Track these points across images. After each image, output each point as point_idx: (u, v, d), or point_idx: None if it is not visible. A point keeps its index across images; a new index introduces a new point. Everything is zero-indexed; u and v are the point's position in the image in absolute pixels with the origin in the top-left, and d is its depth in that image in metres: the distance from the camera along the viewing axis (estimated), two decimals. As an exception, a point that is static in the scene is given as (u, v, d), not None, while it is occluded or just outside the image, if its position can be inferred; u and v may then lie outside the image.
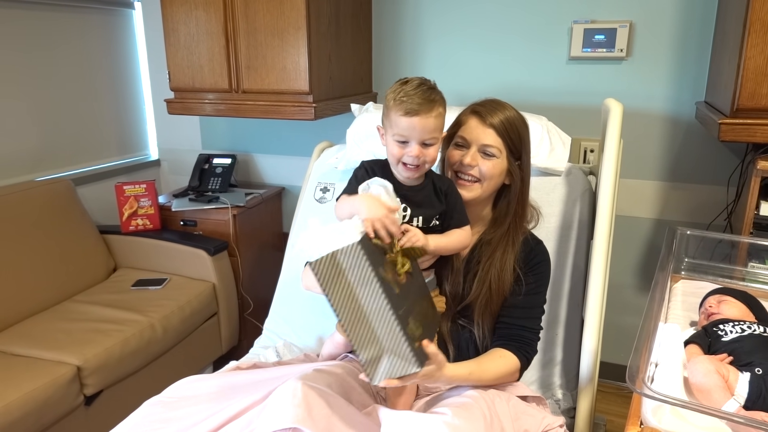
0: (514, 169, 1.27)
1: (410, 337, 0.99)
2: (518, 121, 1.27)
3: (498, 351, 1.25)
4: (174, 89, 2.34)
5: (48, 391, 1.68)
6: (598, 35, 2.11)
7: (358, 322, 1.00)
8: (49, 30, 2.46)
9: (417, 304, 1.08)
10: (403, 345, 0.99)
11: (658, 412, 0.94)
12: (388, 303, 0.97)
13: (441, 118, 1.17)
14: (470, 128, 1.26)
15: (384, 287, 0.98)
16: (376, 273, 0.98)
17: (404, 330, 0.98)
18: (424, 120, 1.13)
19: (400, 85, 1.16)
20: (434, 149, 1.18)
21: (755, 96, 1.59)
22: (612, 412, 2.19)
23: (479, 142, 1.25)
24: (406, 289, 1.05)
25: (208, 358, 2.38)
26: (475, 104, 1.30)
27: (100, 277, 2.40)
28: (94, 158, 2.74)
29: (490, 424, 1.05)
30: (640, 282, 2.31)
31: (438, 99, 1.16)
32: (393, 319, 0.98)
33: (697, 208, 2.16)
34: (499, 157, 1.25)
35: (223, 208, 2.44)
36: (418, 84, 1.15)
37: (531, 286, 1.28)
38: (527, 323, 1.28)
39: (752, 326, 1.13)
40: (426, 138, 1.15)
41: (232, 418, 1.08)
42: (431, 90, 1.15)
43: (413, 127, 1.13)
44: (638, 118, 2.16)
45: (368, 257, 0.97)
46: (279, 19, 2.07)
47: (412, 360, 0.99)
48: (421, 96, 1.13)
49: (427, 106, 1.13)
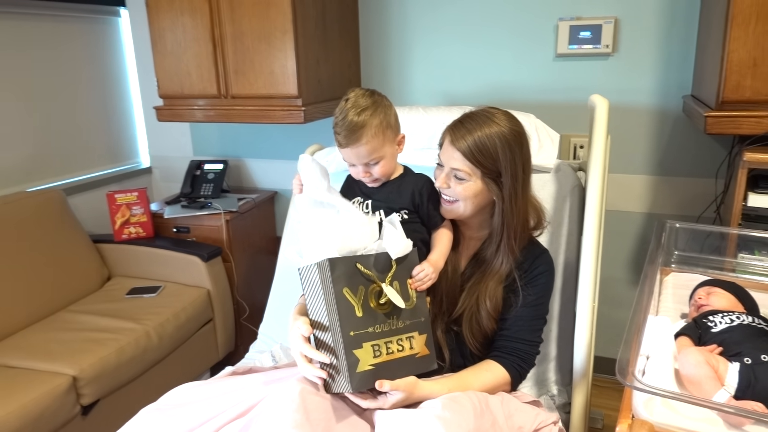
0: (493, 189, 1.20)
1: (353, 359, 1.03)
2: (496, 139, 1.17)
3: (486, 364, 1.24)
4: (163, 96, 2.34)
5: (44, 402, 1.68)
6: (583, 32, 2.13)
7: (320, 329, 1.09)
8: (36, 40, 2.45)
9: (396, 333, 1.10)
10: (343, 364, 1.03)
11: (649, 404, 0.95)
12: (339, 322, 1.03)
13: (377, 138, 1.18)
14: (444, 149, 1.24)
15: (341, 306, 1.04)
16: (337, 291, 1.04)
17: (347, 350, 1.03)
18: (354, 150, 1.19)
19: (340, 105, 1.19)
20: (381, 166, 1.23)
21: (739, 88, 1.60)
22: (609, 407, 2.20)
23: (449, 165, 1.21)
24: (374, 316, 1.08)
25: (205, 365, 2.38)
26: (455, 121, 1.24)
27: (94, 287, 2.39)
28: (85, 167, 2.73)
29: (480, 415, 1.05)
30: (632, 276, 2.33)
31: (370, 121, 1.16)
32: (340, 338, 1.04)
33: (686, 201, 2.18)
34: (469, 180, 1.19)
35: (216, 214, 2.44)
36: (350, 106, 1.17)
37: (530, 298, 1.25)
38: (525, 335, 1.26)
39: (741, 317, 1.14)
40: (366, 161, 1.21)
41: (229, 422, 1.08)
42: (364, 110, 1.16)
43: (349, 155, 1.21)
44: (626, 113, 2.17)
45: (334, 275, 1.04)
46: (265, 24, 2.07)
47: (347, 381, 1.03)
48: (347, 128, 1.16)
49: (353, 137, 1.17)
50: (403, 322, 1.11)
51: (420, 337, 1.13)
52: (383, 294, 1.09)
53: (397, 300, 1.09)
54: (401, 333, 1.11)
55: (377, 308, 1.09)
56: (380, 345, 1.07)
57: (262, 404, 1.07)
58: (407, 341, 1.11)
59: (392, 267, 1.13)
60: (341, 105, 1.19)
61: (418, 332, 1.13)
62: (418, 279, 1.16)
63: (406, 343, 1.11)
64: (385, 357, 1.07)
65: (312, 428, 0.98)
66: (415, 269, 1.17)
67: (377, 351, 1.06)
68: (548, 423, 1.20)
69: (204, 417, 1.12)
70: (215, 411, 1.12)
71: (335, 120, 1.19)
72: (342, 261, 1.07)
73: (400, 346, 1.09)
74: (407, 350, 1.10)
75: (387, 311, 1.10)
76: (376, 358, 1.06)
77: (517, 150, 1.19)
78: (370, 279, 1.09)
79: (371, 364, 1.05)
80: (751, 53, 1.57)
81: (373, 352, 1.06)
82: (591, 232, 1.39)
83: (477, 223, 1.32)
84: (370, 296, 1.09)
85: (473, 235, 1.34)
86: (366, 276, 1.09)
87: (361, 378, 1.04)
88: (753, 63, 1.58)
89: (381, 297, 1.09)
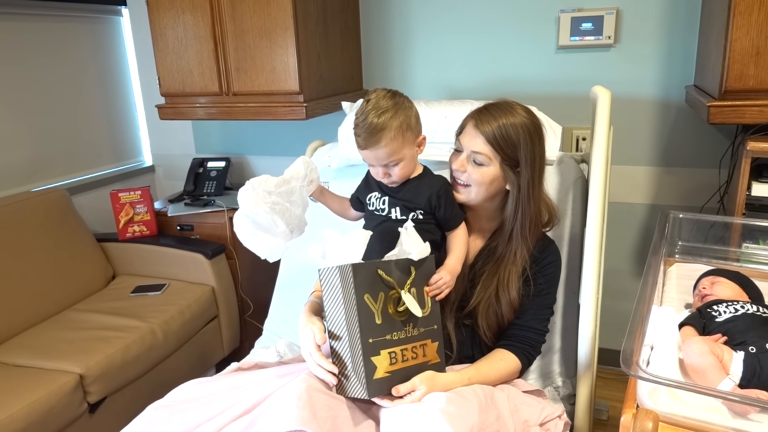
0: (510, 177, 1.23)
1: (371, 366, 1.04)
2: (519, 128, 1.21)
3: (499, 352, 1.26)
4: (164, 94, 2.34)
5: (51, 400, 1.69)
6: (585, 23, 2.12)
7: (336, 331, 1.09)
8: (38, 40, 2.46)
9: (411, 341, 1.11)
10: (360, 370, 1.04)
11: (654, 394, 0.95)
12: (360, 329, 1.04)
13: (397, 140, 1.19)
14: (465, 134, 1.26)
15: (362, 313, 1.05)
16: (359, 297, 1.05)
17: (365, 357, 1.04)
18: (374, 152, 1.19)
19: (362, 105, 1.20)
20: (400, 168, 1.23)
21: (742, 77, 1.59)
22: (614, 398, 2.20)
23: (469, 148, 1.24)
24: (392, 323, 1.08)
25: (211, 361, 2.39)
26: (479, 108, 1.27)
27: (99, 285, 2.40)
28: (88, 167, 2.74)
29: (485, 409, 1.06)
30: (636, 268, 2.32)
31: (390, 123, 1.17)
32: (359, 345, 1.04)
33: (689, 192, 2.17)
34: (488, 165, 1.22)
35: (219, 212, 2.44)
36: (371, 108, 1.17)
37: (541, 287, 1.29)
38: (535, 324, 1.29)
39: (745, 306, 1.14)
40: (384, 163, 1.21)
41: (235, 419, 1.09)
42: (385, 112, 1.17)
43: (368, 157, 1.22)
44: (628, 104, 2.16)
45: (356, 281, 1.05)
46: (266, 21, 2.07)
47: (363, 387, 1.04)
48: (366, 130, 1.16)
49: (373, 140, 1.17)
50: (417, 329, 1.13)
51: (432, 345, 1.14)
52: (402, 301, 1.10)
53: (415, 308, 1.09)
54: (416, 340, 1.12)
55: (395, 315, 1.10)
56: (396, 352, 1.08)
57: (269, 401, 1.08)
58: (421, 349, 1.12)
59: (411, 273, 1.13)
60: (362, 106, 1.20)
61: (431, 340, 1.14)
62: (436, 287, 1.17)
63: (420, 351, 1.12)
64: (401, 364, 1.08)
65: (319, 425, 0.99)
66: (432, 278, 1.18)
67: (393, 358, 1.07)
68: (554, 417, 1.21)
69: (210, 413, 1.12)
70: (222, 407, 1.13)
71: (355, 121, 1.20)
72: (364, 267, 1.08)
73: (414, 353, 1.11)
74: (420, 358, 1.11)
75: (404, 318, 1.11)
76: (392, 366, 1.07)
77: (537, 142, 1.23)
78: (390, 285, 1.10)
79: (387, 371, 1.06)
80: (754, 42, 1.56)
81: (389, 360, 1.07)
82: (594, 223, 1.39)
83: (486, 215, 1.34)
84: (389, 303, 1.09)
85: (483, 227, 1.36)
86: (386, 282, 1.10)
87: (377, 385, 1.05)
88: (756, 52, 1.57)
89: (399, 304, 1.10)
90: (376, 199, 1.31)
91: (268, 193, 1.20)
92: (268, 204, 1.18)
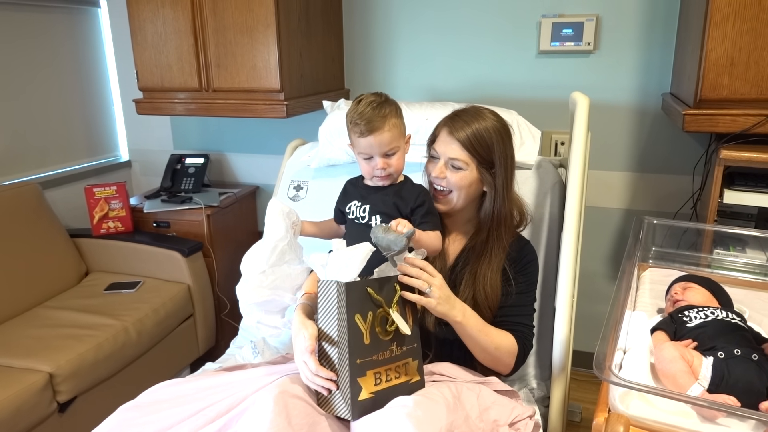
0: (486, 179, 1.28)
1: (357, 387, 1.04)
2: (491, 131, 1.26)
3: (503, 330, 1.28)
4: (143, 89, 2.30)
5: (20, 399, 1.65)
6: (566, 29, 2.14)
7: (328, 341, 1.10)
8: (13, 30, 2.40)
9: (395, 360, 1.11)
10: (346, 391, 1.04)
11: (625, 398, 0.97)
12: (348, 349, 1.05)
13: (396, 128, 1.25)
14: (440, 141, 1.31)
15: (352, 333, 1.05)
16: (350, 317, 1.05)
17: (351, 379, 1.04)
18: (379, 136, 1.22)
19: (354, 105, 1.25)
20: (397, 157, 1.28)
21: (717, 87, 1.63)
22: (588, 400, 2.23)
23: (446, 155, 1.28)
24: (378, 343, 1.09)
25: (185, 361, 2.36)
26: (450, 115, 1.32)
27: (72, 282, 2.36)
28: (63, 161, 2.68)
29: (453, 410, 1.06)
30: (612, 271, 2.36)
31: (389, 113, 1.23)
32: (346, 366, 1.05)
33: (664, 198, 2.21)
34: (466, 169, 1.27)
35: (197, 209, 2.41)
36: (368, 102, 1.23)
37: (522, 286, 1.32)
38: (524, 320, 1.32)
39: (715, 312, 1.16)
40: (386, 150, 1.25)
41: (209, 422, 1.07)
42: (381, 105, 1.23)
43: (371, 144, 1.24)
44: (606, 110, 2.19)
45: (348, 300, 1.05)
46: (248, 17, 2.05)
47: (348, 409, 1.04)
48: (371, 114, 1.22)
49: (379, 123, 1.22)
50: (400, 348, 1.13)
51: (413, 363, 1.15)
52: (389, 320, 1.10)
53: (404, 326, 1.10)
54: (398, 360, 1.12)
55: (381, 334, 1.10)
56: (381, 372, 1.09)
57: (244, 404, 1.07)
58: (403, 368, 1.13)
59: (396, 292, 1.13)
60: (354, 105, 1.25)
61: (412, 358, 1.15)
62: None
63: (402, 370, 1.12)
64: (384, 384, 1.09)
65: None
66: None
67: (378, 379, 1.08)
68: (524, 417, 1.22)
69: (183, 415, 1.10)
70: (194, 409, 1.11)
71: (352, 117, 1.24)
72: (356, 285, 1.08)
73: (397, 373, 1.11)
74: (402, 377, 1.12)
75: (390, 338, 1.11)
76: (377, 386, 1.07)
77: (508, 142, 1.30)
78: (378, 304, 1.10)
79: (372, 392, 1.06)
80: (728, 52, 1.60)
81: (374, 380, 1.07)
82: (571, 228, 1.41)
83: (463, 219, 1.37)
84: (376, 322, 1.10)
85: (461, 230, 1.39)
86: (375, 301, 1.10)
87: (362, 406, 1.05)
88: (730, 62, 1.60)
89: (387, 323, 1.10)
90: (356, 208, 1.32)
91: (263, 272, 1.25)
92: (267, 287, 1.27)
